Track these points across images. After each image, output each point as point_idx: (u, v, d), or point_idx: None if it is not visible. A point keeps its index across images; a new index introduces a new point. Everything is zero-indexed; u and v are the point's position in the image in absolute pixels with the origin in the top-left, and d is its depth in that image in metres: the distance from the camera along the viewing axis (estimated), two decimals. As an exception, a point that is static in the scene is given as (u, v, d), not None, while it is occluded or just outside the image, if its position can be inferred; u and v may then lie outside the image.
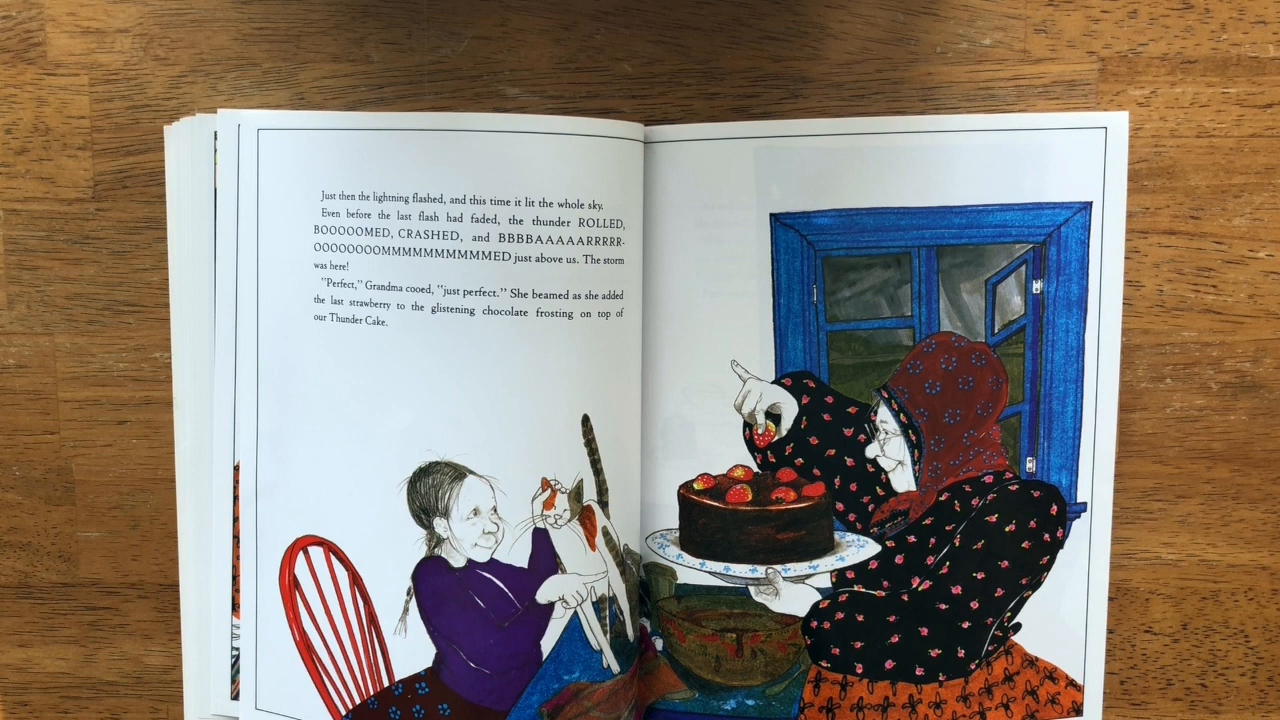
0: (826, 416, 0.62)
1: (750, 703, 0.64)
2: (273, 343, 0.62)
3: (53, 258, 0.64)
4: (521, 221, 0.58)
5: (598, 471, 0.60)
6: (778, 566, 0.62)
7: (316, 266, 0.61)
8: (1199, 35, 0.61)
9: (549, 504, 0.60)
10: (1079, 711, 0.64)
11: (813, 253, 0.61)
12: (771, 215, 0.61)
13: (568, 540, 0.61)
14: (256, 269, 0.62)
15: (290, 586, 0.64)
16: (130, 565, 0.67)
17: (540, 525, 0.61)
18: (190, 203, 0.63)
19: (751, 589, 0.63)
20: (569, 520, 0.61)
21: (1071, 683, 0.64)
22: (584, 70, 0.62)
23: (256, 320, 0.62)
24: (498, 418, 0.60)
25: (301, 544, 0.63)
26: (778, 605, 0.63)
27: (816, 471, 0.62)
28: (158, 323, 0.64)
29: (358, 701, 0.63)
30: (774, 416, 0.62)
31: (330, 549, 0.63)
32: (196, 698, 0.66)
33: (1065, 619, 0.63)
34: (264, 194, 0.62)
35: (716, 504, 0.62)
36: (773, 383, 0.62)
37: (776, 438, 0.62)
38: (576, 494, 0.60)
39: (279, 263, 0.62)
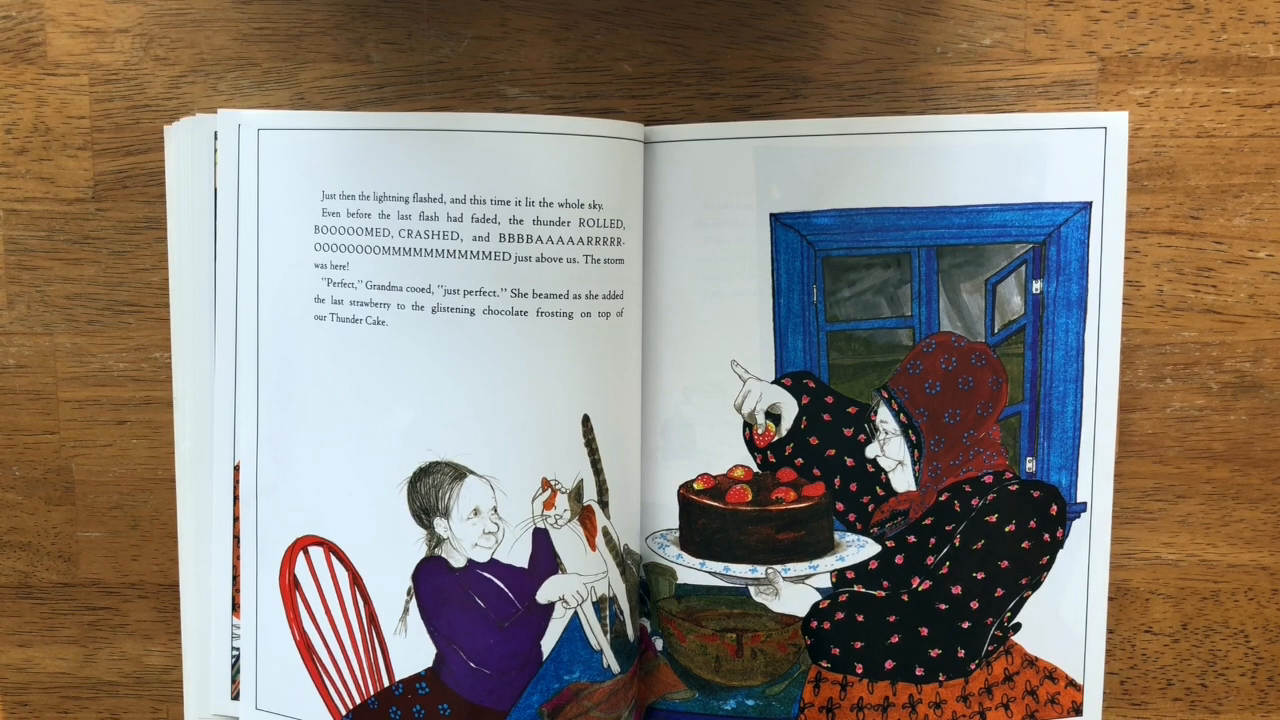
0: (826, 416, 0.62)
1: (750, 703, 0.64)
2: (273, 343, 0.62)
3: (53, 258, 0.64)
4: (522, 221, 0.58)
5: (598, 471, 0.61)
6: (778, 566, 0.62)
7: (317, 266, 0.61)
8: (1199, 35, 0.61)
9: (549, 504, 0.60)
10: (1079, 711, 0.64)
11: (813, 253, 0.61)
12: (771, 215, 0.61)
13: (568, 540, 0.61)
14: (257, 269, 0.62)
15: (290, 586, 0.64)
16: (130, 565, 0.67)
17: (540, 525, 0.61)
18: (190, 203, 0.63)
19: (751, 589, 0.63)
20: (569, 520, 0.61)
21: (1071, 683, 0.64)
22: (584, 70, 0.62)
23: (256, 320, 0.62)
24: (498, 418, 0.60)
25: (302, 544, 0.63)
26: (778, 605, 0.63)
27: (816, 471, 0.62)
28: (158, 323, 0.64)
29: (358, 701, 0.63)
30: (774, 416, 0.62)
31: (330, 549, 0.63)
32: (196, 698, 0.66)
33: (1065, 619, 0.63)
34: (264, 194, 0.62)
35: (716, 504, 0.62)
36: (773, 383, 0.62)
37: (776, 438, 0.62)
38: (577, 494, 0.60)
39: (279, 263, 0.62)
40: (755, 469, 0.63)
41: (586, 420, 0.60)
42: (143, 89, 0.63)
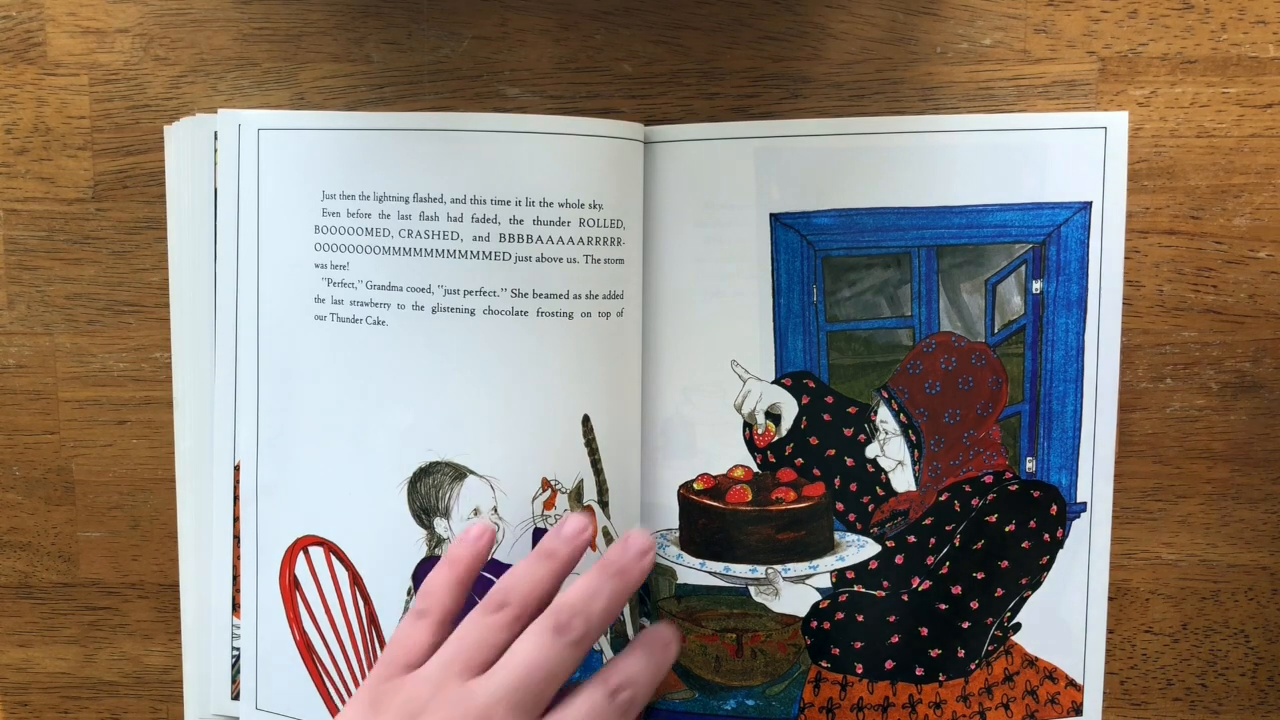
0: (826, 416, 0.62)
1: (750, 703, 0.64)
2: (273, 343, 0.62)
3: (53, 258, 0.64)
4: (522, 221, 0.58)
5: (598, 472, 0.61)
6: (778, 566, 0.62)
7: (317, 266, 0.61)
8: (1199, 35, 0.61)
9: (549, 504, 0.60)
10: (1079, 711, 0.64)
11: (813, 253, 0.61)
12: (772, 215, 0.61)
13: None
14: (257, 269, 0.62)
15: (291, 586, 0.64)
16: (130, 565, 0.67)
17: (540, 525, 0.61)
18: (190, 203, 0.63)
19: (751, 589, 0.63)
20: None
21: (1071, 683, 0.64)
22: (584, 70, 0.62)
23: (257, 320, 0.62)
24: (498, 418, 0.60)
25: (302, 544, 0.63)
26: (778, 605, 0.63)
27: (816, 471, 0.62)
28: (158, 323, 0.64)
29: None
30: (774, 416, 0.62)
31: (330, 549, 0.63)
32: (196, 698, 0.66)
33: (1065, 619, 0.63)
34: (264, 194, 0.62)
35: (716, 504, 0.62)
36: (773, 383, 0.62)
37: (776, 438, 0.62)
38: (577, 494, 0.61)
39: (279, 263, 0.62)
40: (755, 469, 0.63)
41: (587, 420, 0.60)
42: (143, 89, 0.63)
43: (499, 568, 0.61)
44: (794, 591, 0.63)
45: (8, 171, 0.64)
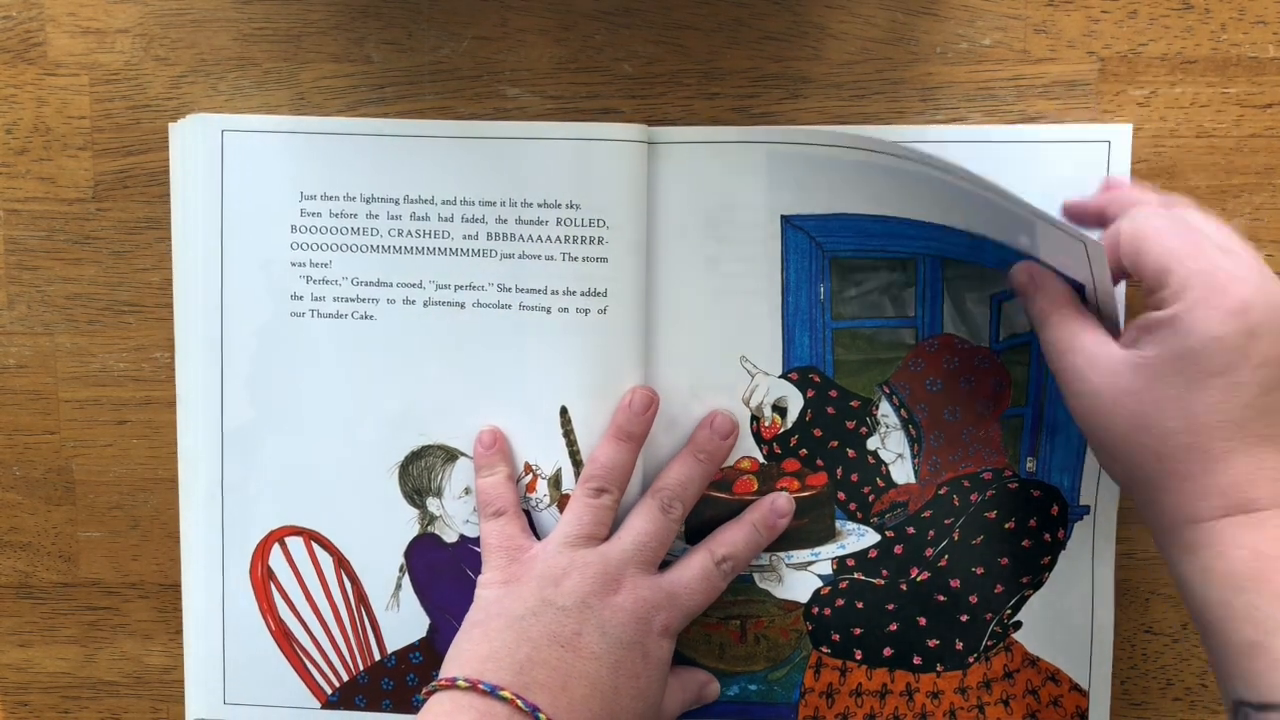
0: (830, 410, 0.62)
1: (753, 688, 0.64)
2: (240, 342, 0.63)
3: (53, 258, 0.64)
4: (506, 221, 0.60)
5: (577, 463, 0.62)
6: (781, 553, 0.63)
7: (294, 265, 0.62)
8: (1199, 35, 0.61)
9: (530, 487, 0.62)
10: (1083, 717, 0.64)
11: (821, 253, 0.61)
12: (783, 217, 0.61)
13: (549, 525, 0.62)
14: (220, 269, 0.63)
15: (264, 579, 0.64)
16: (130, 565, 0.67)
17: (524, 507, 0.62)
18: (191, 202, 0.63)
19: (755, 575, 0.63)
20: (549, 505, 0.62)
21: (1075, 687, 0.64)
22: (584, 70, 0.62)
23: (221, 320, 0.63)
24: (486, 405, 0.62)
25: (276, 536, 0.64)
26: (780, 591, 0.63)
27: (820, 462, 0.62)
28: (158, 323, 0.64)
29: (345, 679, 0.65)
30: (780, 409, 0.62)
31: (311, 537, 0.64)
32: (196, 698, 0.66)
33: (1068, 621, 0.63)
34: (231, 195, 0.62)
35: (724, 495, 0.62)
36: (780, 377, 0.62)
37: (782, 430, 0.62)
38: (555, 481, 0.62)
39: (250, 262, 0.63)
40: (761, 460, 0.63)
41: (564, 411, 0.61)
42: (143, 89, 0.63)
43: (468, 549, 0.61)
44: (796, 578, 0.63)
45: (8, 171, 0.64)
